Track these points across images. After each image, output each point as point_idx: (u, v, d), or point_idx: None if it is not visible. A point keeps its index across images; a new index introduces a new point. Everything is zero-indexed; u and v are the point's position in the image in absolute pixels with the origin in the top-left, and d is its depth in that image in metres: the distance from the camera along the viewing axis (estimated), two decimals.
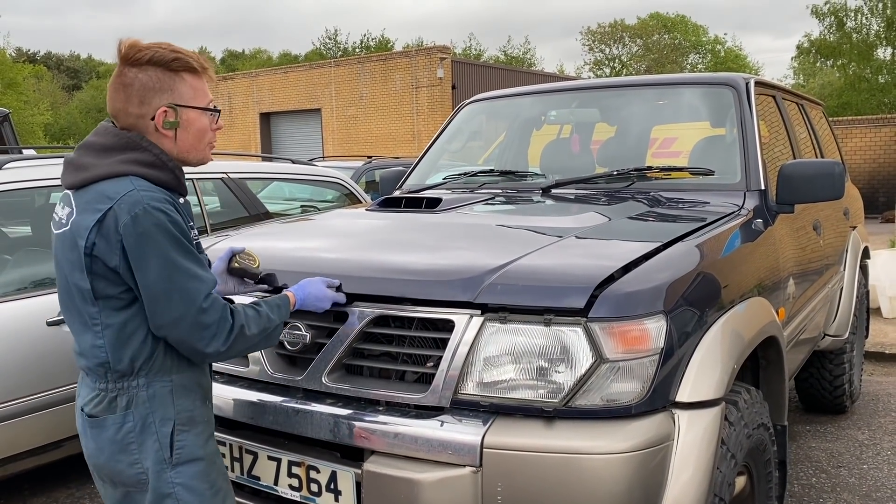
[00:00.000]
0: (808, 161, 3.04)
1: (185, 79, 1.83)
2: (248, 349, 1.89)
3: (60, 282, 1.86)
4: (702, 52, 39.68)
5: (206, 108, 1.88)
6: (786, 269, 3.03)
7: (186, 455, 1.84)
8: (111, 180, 1.75)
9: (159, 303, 1.72)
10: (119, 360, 1.79)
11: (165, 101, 1.81)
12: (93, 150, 1.80)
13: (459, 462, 1.90)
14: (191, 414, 1.86)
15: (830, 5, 24.84)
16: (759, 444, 2.37)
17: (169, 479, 1.82)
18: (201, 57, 1.89)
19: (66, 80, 48.57)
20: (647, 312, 1.94)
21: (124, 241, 1.70)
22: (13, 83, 26.96)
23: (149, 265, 1.70)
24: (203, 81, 1.88)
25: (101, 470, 1.88)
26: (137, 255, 1.70)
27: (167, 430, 1.82)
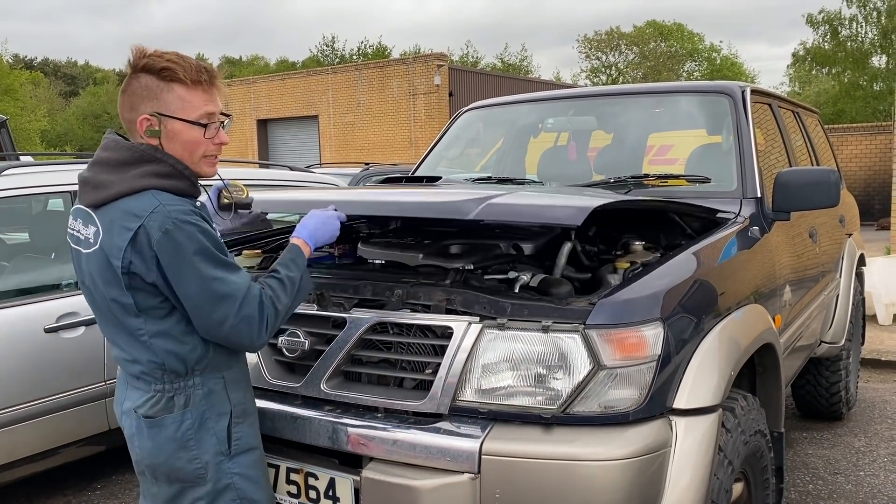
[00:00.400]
0: (804, 169, 3.06)
1: (173, 89, 1.82)
2: (287, 316, 1.94)
3: (94, 298, 1.88)
4: (698, 59, 39.84)
5: (189, 121, 1.84)
6: (782, 277, 3.05)
7: (243, 445, 1.92)
8: (133, 196, 1.77)
9: (202, 310, 1.78)
10: (172, 362, 1.83)
11: (150, 109, 1.81)
12: (108, 167, 1.81)
13: (458, 469, 1.91)
14: (244, 406, 1.95)
15: (825, 14, 24.98)
16: (756, 451, 2.38)
17: (227, 469, 1.89)
18: (207, 70, 1.87)
19: (63, 86, 48.57)
20: (644, 319, 1.95)
21: (159, 256, 1.73)
22: (10, 89, 26.97)
23: (186, 278, 1.75)
24: (196, 93, 1.84)
25: (158, 469, 1.88)
26: (174, 269, 1.74)
27: (224, 424, 1.89)
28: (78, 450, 3.60)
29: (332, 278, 2.35)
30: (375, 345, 2.22)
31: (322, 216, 2.12)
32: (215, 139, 1.90)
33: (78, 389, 3.50)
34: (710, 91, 3.49)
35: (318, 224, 2.09)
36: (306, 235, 2.07)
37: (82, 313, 3.46)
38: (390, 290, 2.19)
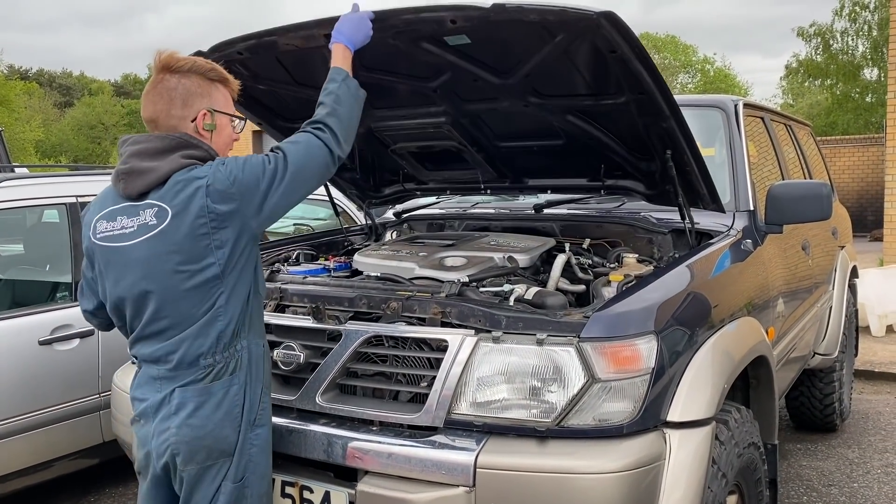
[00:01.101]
0: (797, 182, 3.09)
1: (219, 88, 2.01)
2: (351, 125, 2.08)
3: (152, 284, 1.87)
4: (691, 71, 40.03)
5: (235, 116, 2.06)
6: (775, 289, 3.07)
7: (265, 418, 1.98)
8: (181, 171, 1.87)
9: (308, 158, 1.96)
10: (231, 326, 1.89)
11: (205, 105, 1.96)
12: (148, 155, 1.89)
13: (453, 482, 1.92)
14: (267, 382, 2.02)
15: (816, 27, 25.18)
16: (750, 464, 2.39)
17: (250, 441, 1.94)
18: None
19: (58, 96, 48.54)
20: (638, 332, 1.97)
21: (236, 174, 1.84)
22: (5, 100, 26.96)
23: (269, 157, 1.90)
24: (230, 94, 2.05)
25: (201, 442, 1.87)
26: (257, 161, 1.88)
27: (258, 391, 1.96)
28: (71, 463, 3.58)
29: (327, 291, 2.36)
30: (371, 358, 2.23)
31: (355, 18, 2.20)
32: (234, 135, 2.07)
33: (72, 402, 3.49)
34: (703, 105, 3.52)
35: (353, 27, 2.18)
36: (345, 39, 2.16)
37: (77, 325, 3.46)
38: (385, 302, 2.20)
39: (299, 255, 3.15)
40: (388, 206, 3.79)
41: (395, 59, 2.51)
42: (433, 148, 3.11)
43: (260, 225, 1.92)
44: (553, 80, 2.49)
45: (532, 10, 2.07)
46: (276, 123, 3.11)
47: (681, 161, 2.58)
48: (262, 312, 2.04)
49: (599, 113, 2.61)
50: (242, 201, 1.85)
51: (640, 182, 2.92)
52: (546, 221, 3.19)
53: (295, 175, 1.91)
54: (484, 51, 2.39)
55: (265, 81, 2.81)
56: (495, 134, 2.95)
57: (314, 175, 1.98)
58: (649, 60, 2.21)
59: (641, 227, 2.96)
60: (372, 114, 2.91)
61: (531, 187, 3.28)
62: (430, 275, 2.55)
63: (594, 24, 2.05)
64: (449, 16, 2.16)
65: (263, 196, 1.87)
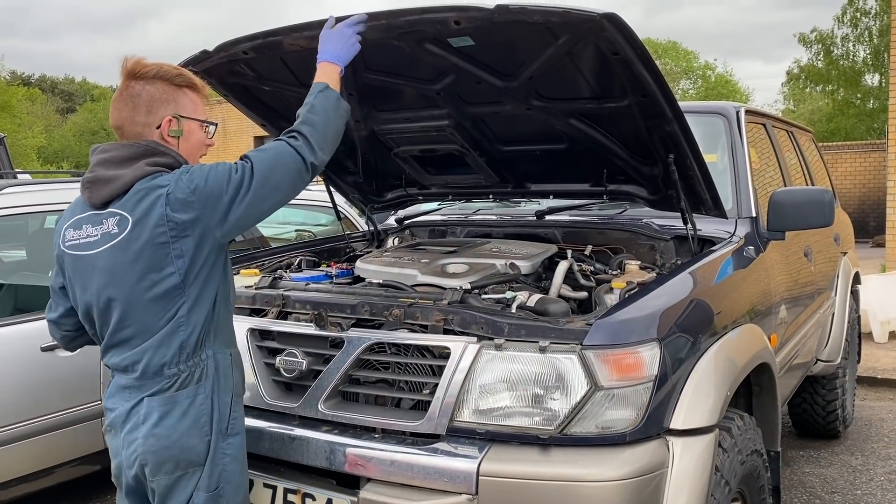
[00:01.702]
0: (799, 189, 3.09)
1: (186, 93, 1.98)
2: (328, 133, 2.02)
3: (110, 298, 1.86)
4: (692, 77, 40.03)
5: (204, 121, 2.02)
6: (778, 296, 3.06)
7: (237, 427, 1.96)
8: (145, 179, 1.85)
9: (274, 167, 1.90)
10: (195, 335, 1.87)
11: (171, 111, 1.94)
12: (113, 164, 1.88)
13: (455, 490, 1.91)
14: (239, 390, 2.01)
15: (817, 33, 25.19)
16: (753, 471, 2.38)
17: (222, 450, 1.91)
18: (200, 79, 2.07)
19: (60, 102, 48.63)
20: (640, 340, 1.96)
21: (198, 183, 1.81)
22: (7, 106, 27.00)
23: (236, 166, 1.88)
24: (200, 98, 2.03)
25: (168, 452, 1.86)
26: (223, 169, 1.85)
27: (227, 400, 1.94)
28: (73, 469, 3.58)
29: (329, 298, 2.36)
30: (373, 365, 2.22)
31: (335, 33, 2.17)
32: (207, 140, 2.05)
33: (73, 408, 3.49)
34: (705, 111, 3.52)
35: (336, 43, 2.15)
36: (329, 56, 2.13)
37: None
38: (388, 309, 2.20)
39: (301, 262, 3.15)
40: (390, 212, 3.79)
41: (398, 60, 2.51)
42: (436, 151, 3.11)
43: (225, 235, 1.87)
44: (556, 82, 2.49)
45: (535, 11, 2.07)
46: (279, 125, 3.11)
47: (683, 165, 2.58)
48: (230, 321, 2.01)
49: (602, 116, 2.61)
50: (204, 211, 1.82)
51: (643, 187, 2.92)
52: (548, 228, 3.18)
53: (262, 184, 1.86)
54: (487, 53, 2.39)
55: (269, 82, 2.81)
56: (498, 137, 2.95)
57: (285, 184, 1.92)
58: (652, 63, 2.21)
59: (644, 234, 2.96)
60: (375, 116, 2.91)
61: (534, 192, 3.28)
62: (433, 282, 2.55)
63: (597, 26, 2.05)
64: (453, 17, 2.16)
65: (227, 206, 1.83)
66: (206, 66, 2.67)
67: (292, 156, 1.92)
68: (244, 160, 1.90)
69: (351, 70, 2.60)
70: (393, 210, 3.78)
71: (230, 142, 26.34)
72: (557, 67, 2.37)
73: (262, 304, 2.44)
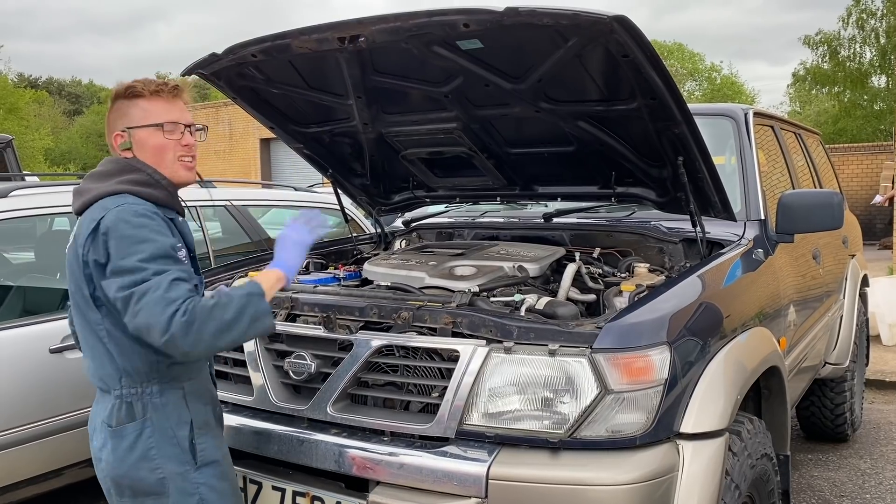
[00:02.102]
0: (808, 191, 3.07)
1: (136, 104, 1.97)
2: (223, 341, 1.77)
3: (72, 300, 1.97)
4: (698, 79, 39.97)
5: (149, 125, 1.95)
6: (786, 298, 3.05)
7: (208, 457, 1.95)
8: (109, 197, 1.89)
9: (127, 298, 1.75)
10: (129, 364, 1.88)
11: (120, 126, 1.97)
12: (94, 178, 1.98)
13: (465, 493, 1.91)
14: (206, 418, 1.98)
15: (823, 35, 25.11)
16: (763, 475, 2.37)
17: (194, 479, 1.91)
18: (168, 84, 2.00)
19: (67, 104, 48.82)
20: (651, 343, 1.96)
21: (108, 236, 1.80)
22: (14, 108, 27.12)
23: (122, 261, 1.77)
24: (157, 103, 1.97)
25: (122, 480, 1.90)
26: (115, 253, 1.78)
27: (185, 434, 1.92)
28: (81, 471, 3.57)
29: (338, 300, 2.36)
30: (382, 368, 2.22)
31: (294, 246, 2.05)
32: (182, 140, 1.98)
33: (82, 410, 3.48)
34: (713, 114, 3.51)
35: (292, 255, 2.04)
36: (282, 266, 1.99)
37: None
38: (396, 312, 2.20)
39: (309, 264, 3.15)
40: (397, 214, 3.79)
41: (406, 63, 2.51)
42: (443, 154, 3.11)
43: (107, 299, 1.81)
44: (565, 85, 2.49)
45: (545, 13, 2.07)
46: (287, 128, 3.11)
47: (692, 168, 2.57)
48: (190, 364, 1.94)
49: (611, 119, 2.61)
50: (97, 264, 1.82)
51: (652, 189, 2.91)
52: (555, 230, 3.18)
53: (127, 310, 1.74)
54: (496, 55, 2.39)
55: (278, 85, 2.82)
56: (506, 140, 2.95)
57: (139, 330, 1.74)
58: (662, 65, 2.20)
59: (652, 237, 2.95)
60: (383, 118, 2.91)
61: (541, 194, 3.27)
62: (440, 284, 2.55)
63: (607, 29, 2.05)
64: (462, 19, 2.16)
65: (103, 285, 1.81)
66: (215, 69, 2.67)
67: (163, 319, 1.69)
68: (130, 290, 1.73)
69: (360, 72, 2.61)
70: (400, 212, 3.78)
71: (236, 144, 26.40)
72: (566, 70, 2.37)
73: (272, 306, 2.44)
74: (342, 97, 2.81)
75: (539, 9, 2.07)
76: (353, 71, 2.60)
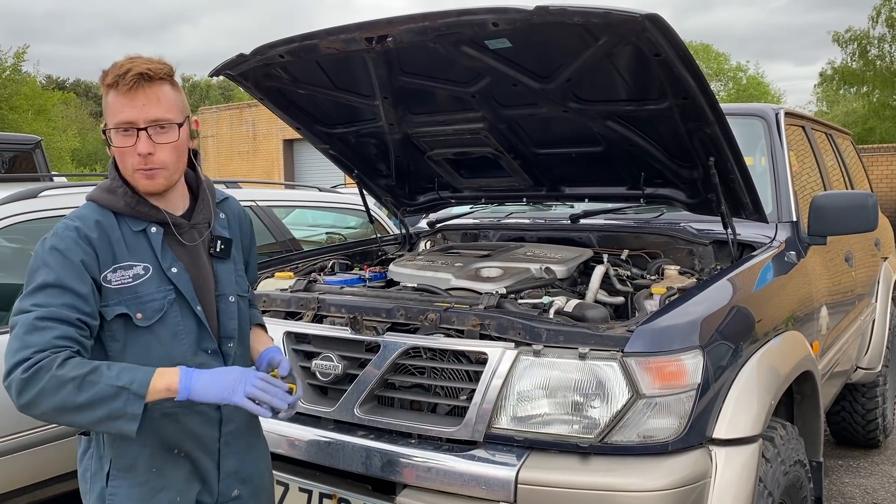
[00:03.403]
0: (841, 193, 3.02)
1: (106, 96, 1.65)
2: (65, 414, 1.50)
3: None
4: (724, 79, 39.58)
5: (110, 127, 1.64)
6: (819, 302, 2.99)
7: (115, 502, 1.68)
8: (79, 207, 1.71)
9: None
10: None
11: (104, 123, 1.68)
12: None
13: (493, 497, 1.89)
14: (131, 461, 1.67)
15: (852, 33, 24.73)
16: (796, 482, 2.32)
17: None
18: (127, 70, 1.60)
19: (93, 106, 49.48)
20: (683, 347, 1.92)
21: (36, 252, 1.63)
22: (42, 110, 27.49)
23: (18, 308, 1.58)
24: (116, 98, 1.62)
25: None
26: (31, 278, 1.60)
27: (104, 474, 1.68)
28: None
29: (364, 301, 2.35)
30: (409, 370, 2.20)
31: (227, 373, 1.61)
32: (137, 147, 1.62)
33: None
34: (744, 114, 3.46)
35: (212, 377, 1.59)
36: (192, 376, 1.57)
37: None
38: (423, 314, 2.18)
39: (335, 265, 3.14)
40: (422, 215, 3.77)
41: (434, 62, 2.49)
42: (469, 154, 3.09)
43: None
44: (594, 84, 2.46)
45: (576, 12, 2.04)
46: (314, 128, 3.11)
47: (724, 168, 2.53)
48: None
49: (641, 118, 2.57)
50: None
51: (682, 191, 2.87)
52: (583, 232, 3.15)
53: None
54: (524, 55, 2.36)
55: (304, 86, 2.81)
56: (533, 140, 2.93)
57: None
58: (694, 64, 2.16)
59: (682, 238, 2.91)
60: (409, 119, 2.90)
61: (568, 195, 3.24)
62: (467, 286, 2.53)
63: (639, 27, 2.02)
64: (491, 18, 2.14)
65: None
66: (243, 70, 2.67)
67: (8, 364, 1.49)
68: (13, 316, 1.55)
69: (386, 73, 2.60)
70: (425, 213, 3.76)
71: (259, 145, 26.58)
72: (596, 69, 2.34)
73: (298, 307, 2.44)
74: (369, 98, 2.80)
75: (569, 7, 2.05)
76: (379, 71, 2.59)
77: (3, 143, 7.13)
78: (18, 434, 3.31)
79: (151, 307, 1.65)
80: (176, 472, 1.70)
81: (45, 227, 3.74)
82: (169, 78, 1.67)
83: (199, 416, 1.72)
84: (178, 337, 1.68)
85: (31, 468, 3.38)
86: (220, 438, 1.75)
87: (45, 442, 3.31)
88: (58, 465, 3.39)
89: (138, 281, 1.65)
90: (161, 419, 1.67)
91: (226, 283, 1.79)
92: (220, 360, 1.75)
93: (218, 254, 1.79)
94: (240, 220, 1.91)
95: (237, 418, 1.78)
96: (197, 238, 1.76)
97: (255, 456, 1.85)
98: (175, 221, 1.72)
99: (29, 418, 2.87)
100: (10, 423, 3.28)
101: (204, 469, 1.74)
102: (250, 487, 1.81)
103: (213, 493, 1.76)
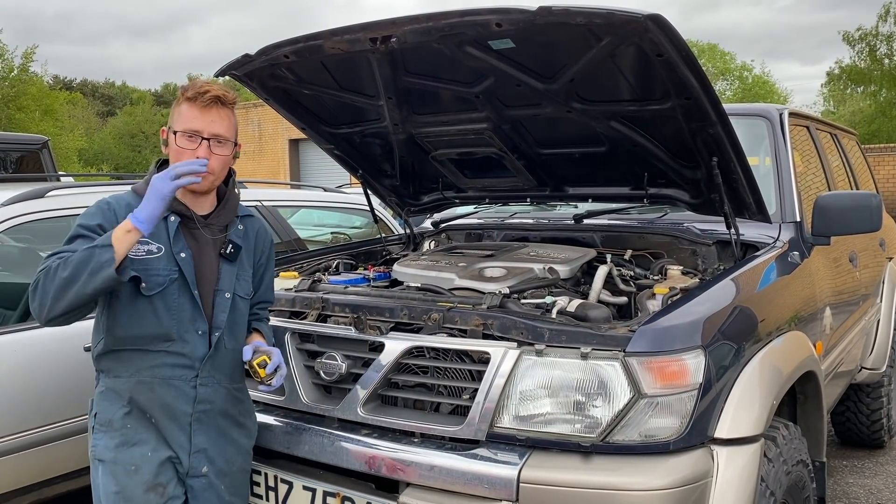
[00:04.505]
0: (845, 193, 3.01)
1: (179, 105, 2.01)
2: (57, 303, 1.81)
3: None
4: (729, 78, 39.45)
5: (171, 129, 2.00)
6: (822, 302, 2.99)
7: (98, 454, 2.02)
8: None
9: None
10: (94, 345, 2.04)
11: (168, 124, 2.05)
12: None
13: (496, 496, 1.90)
14: (109, 417, 2.01)
15: (862, 31, 24.65)
16: (798, 482, 2.33)
17: (95, 467, 2.03)
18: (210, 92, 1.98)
19: (100, 106, 49.63)
20: (685, 347, 1.93)
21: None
22: (50, 110, 27.60)
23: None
24: (192, 109, 1.98)
25: None
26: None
27: (91, 427, 2.05)
28: None
29: (368, 301, 2.36)
30: (412, 369, 2.22)
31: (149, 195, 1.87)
32: (197, 152, 1.96)
33: None
34: (747, 114, 3.46)
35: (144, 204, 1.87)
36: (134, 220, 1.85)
37: None
38: (426, 313, 2.19)
39: (339, 265, 3.16)
40: (426, 215, 3.79)
41: (438, 63, 2.51)
42: (473, 155, 3.10)
43: None
44: (597, 85, 2.47)
45: (578, 12, 2.05)
46: (318, 129, 3.12)
47: (727, 169, 2.53)
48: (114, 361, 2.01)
49: (644, 119, 2.58)
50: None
51: (685, 191, 2.87)
52: (586, 232, 3.15)
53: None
54: (528, 55, 2.37)
55: (309, 86, 2.83)
56: (537, 141, 2.93)
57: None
58: (696, 64, 2.17)
59: (685, 238, 2.91)
60: (413, 119, 2.91)
61: (572, 195, 3.25)
62: (470, 286, 2.54)
63: (642, 28, 2.02)
64: (494, 19, 2.15)
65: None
66: (248, 70, 2.69)
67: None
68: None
69: (391, 73, 2.61)
70: (429, 213, 3.78)
71: (265, 145, 26.62)
72: (599, 69, 2.35)
73: (302, 306, 2.45)
74: (373, 98, 2.81)
75: (572, 8, 2.05)
76: (384, 72, 2.60)
77: (11, 143, 7.17)
78: (25, 432, 3.33)
79: (156, 280, 1.95)
80: (147, 434, 2.00)
81: (52, 228, 3.78)
82: (233, 106, 2.05)
83: (175, 391, 1.99)
84: (171, 311, 1.97)
85: (37, 466, 3.40)
86: (192, 414, 2.01)
87: (51, 440, 3.33)
88: (64, 464, 3.41)
89: (151, 256, 1.95)
90: (137, 386, 1.98)
91: (226, 281, 2.07)
92: (205, 343, 2.01)
93: (227, 255, 2.07)
94: (257, 237, 2.19)
95: (213, 400, 2.04)
96: (208, 235, 2.04)
97: (226, 440, 2.08)
98: (191, 216, 2.02)
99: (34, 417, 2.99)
100: (16, 421, 3.30)
101: (175, 439, 2.00)
102: (215, 468, 2.05)
103: (184, 464, 2.01)
